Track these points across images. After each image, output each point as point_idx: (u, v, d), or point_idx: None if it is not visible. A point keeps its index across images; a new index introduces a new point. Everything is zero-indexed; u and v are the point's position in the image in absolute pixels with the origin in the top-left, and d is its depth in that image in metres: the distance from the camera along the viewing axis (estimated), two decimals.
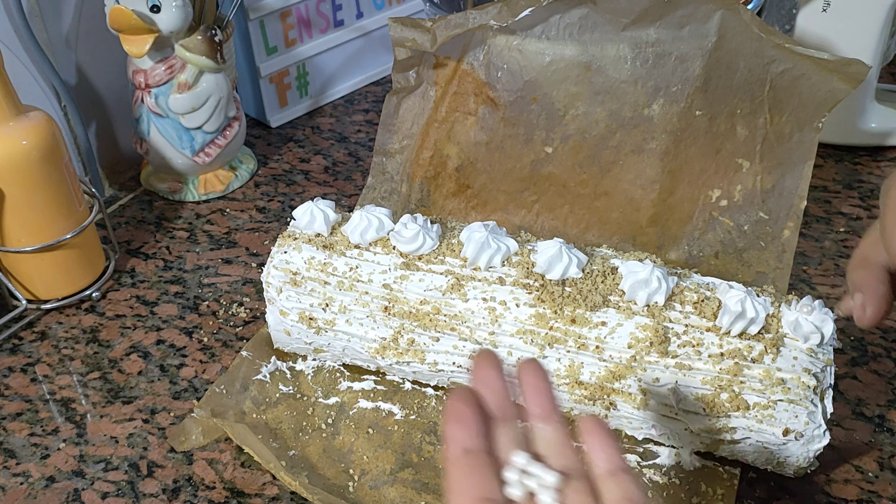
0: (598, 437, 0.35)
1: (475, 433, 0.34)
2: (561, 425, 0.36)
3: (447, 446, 0.34)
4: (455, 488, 0.33)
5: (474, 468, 0.33)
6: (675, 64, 0.57)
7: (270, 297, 0.55)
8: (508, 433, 0.35)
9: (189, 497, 0.51)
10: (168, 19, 0.66)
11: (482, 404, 0.35)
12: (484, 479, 0.33)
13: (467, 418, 0.34)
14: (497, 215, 0.65)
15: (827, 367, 0.48)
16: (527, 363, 0.37)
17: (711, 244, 0.60)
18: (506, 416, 0.36)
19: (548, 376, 0.37)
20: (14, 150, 0.57)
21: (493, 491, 0.32)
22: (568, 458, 0.35)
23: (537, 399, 0.36)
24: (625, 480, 0.34)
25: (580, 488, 0.34)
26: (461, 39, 0.60)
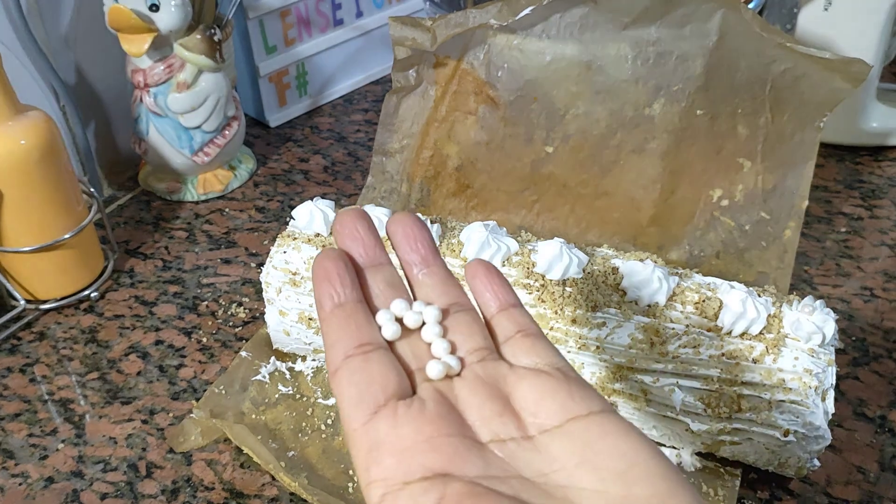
0: (484, 277, 0.34)
1: (343, 285, 0.31)
2: (442, 268, 0.34)
3: (318, 309, 0.31)
4: (330, 343, 0.30)
5: (347, 318, 0.31)
6: (676, 63, 0.57)
7: (270, 297, 0.54)
8: (382, 278, 0.33)
9: (188, 498, 0.50)
10: (167, 18, 0.66)
11: (350, 258, 0.33)
12: (359, 327, 0.31)
13: (333, 272, 0.32)
14: (497, 215, 0.65)
15: (828, 367, 0.48)
16: (396, 215, 0.35)
17: (712, 244, 0.60)
18: (375, 262, 0.33)
19: (422, 223, 0.35)
20: (13, 149, 0.57)
21: (369, 336, 0.30)
22: (450, 294, 0.33)
23: (412, 245, 0.34)
24: (516, 313, 0.33)
25: (465, 319, 0.32)
26: (461, 38, 0.60)
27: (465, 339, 0.32)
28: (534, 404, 0.29)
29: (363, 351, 0.30)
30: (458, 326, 0.32)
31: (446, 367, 0.30)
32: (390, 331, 0.31)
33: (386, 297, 0.33)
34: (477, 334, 0.32)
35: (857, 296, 0.64)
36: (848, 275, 0.65)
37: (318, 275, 0.32)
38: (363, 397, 0.29)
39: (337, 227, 0.34)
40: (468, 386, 0.30)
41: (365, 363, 0.30)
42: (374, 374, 0.29)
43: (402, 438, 0.28)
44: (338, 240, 0.34)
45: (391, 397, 0.29)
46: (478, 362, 0.31)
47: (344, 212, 0.35)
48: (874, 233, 0.70)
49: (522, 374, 0.30)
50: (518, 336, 0.32)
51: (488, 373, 0.30)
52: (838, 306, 0.62)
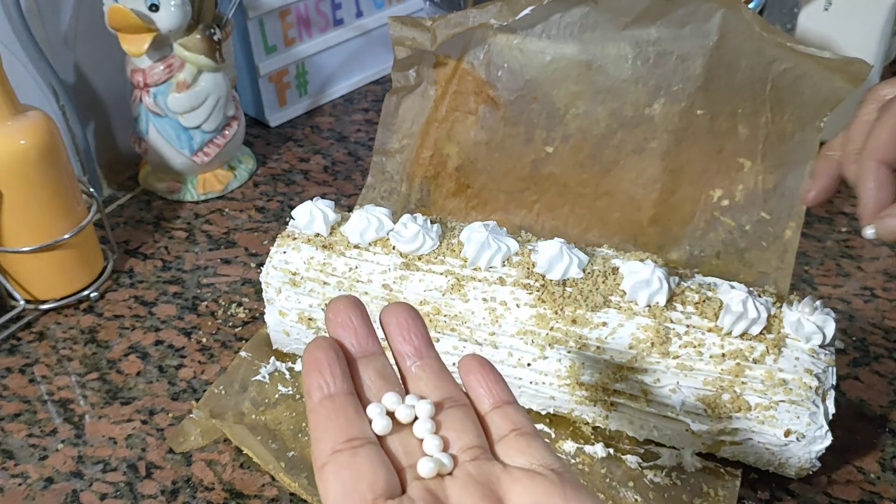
0: (478, 373, 0.33)
1: (333, 376, 0.31)
2: (436, 360, 0.34)
3: (307, 398, 0.31)
4: (317, 436, 0.29)
5: (336, 411, 0.30)
6: (676, 63, 0.57)
7: (269, 297, 0.54)
8: (374, 369, 0.32)
9: (188, 498, 0.50)
10: (167, 18, 0.66)
11: (341, 348, 0.32)
12: (348, 420, 0.30)
13: (323, 362, 0.31)
14: (497, 215, 0.65)
15: (829, 367, 0.48)
16: (391, 305, 0.34)
17: (713, 244, 0.60)
18: (368, 353, 0.33)
19: (416, 313, 0.34)
20: (12, 149, 0.57)
21: (359, 430, 0.30)
22: (444, 389, 0.33)
23: (405, 336, 0.34)
24: (510, 411, 0.32)
25: (459, 415, 0.31)
26: (461, 38, 0.60)
27: (459, 435, 0.31)
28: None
29: (351, 446, 0.29)
30: (452, 422, 0.31)
31: (438, 465, 0.29)
32: (381, 425, 0.30)
33: (378, 390, 0.32)
34: (470, 432, 0.31)
35: (858, 296, 0.63)
36: (848, 275, 0.65)
37: (309, 364, 0.31)
38: (350, 495, 0.28)
39: (329, 315, 0.33)
40: (460, 486, 0.29)
41: (353, 458, 0.29)
42: (362, 470, 0.28)
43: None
44: (330, 328, 0.33)
45: (379, 496, 0.28)
46: (471, 461, 0.30)
47: (337, 300, 0.34)
48: None
49: (517, 475, 0.30)
50: (512, 435, 0.31)
51: (481, 472, 0.30)
52: (839, 306, 0.62)
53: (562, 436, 0.53)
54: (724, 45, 0.56)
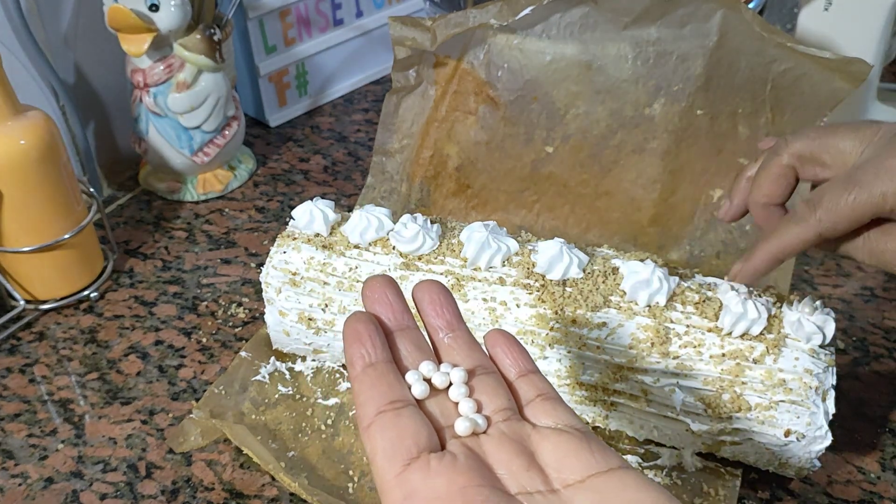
0: (502, 346, 0.36)
1: (374, 346, 0.34)
2: (466, 333, 0.36)
3: (349, 368, 0.34)
4: (361, 401, 0.32)
5: (378, 378, 0.33)
6: (676, 63, 0.57)
7: (269, 297, 0.54)
8: (410, 340, 0.35)
9: (188, 498, 0.50)
10: (167, 18, 0.66)
11: (379, 321, 0.35)
12: (389, 385, 0.33)
13: (364, 334, 0.34)
14: (497, 215, 0.65)
15: (829, 367, 0.48)
16: (422, 282, 0.37)
17: (713, 244, 0.60)
18: (403, 326, 0.36)
19: (447, 290, 0.37)
20: (12, 149, 0.57)
21: (400, 394, 0.32)
22: (475, 358, 0.35)
23: (437, 311, 0.36)
24: (535, 379, 0.35)
25: (490, 381, 0.34)
26: (461, 38, 0.60)
27: (490, 399, 0.33)
28: (557, 461, 0.31)
29: (395, 407, 0.32)
30: (483, 387, 0.34)
31: (473, 425, 0.32)
32: (419, 389, 0.33)
33: (414, 359, 0.35)
34: (501, 395, 0.34)
35: (858, 296, 0.63)
36: (848, 275, 0.65)
37: (350, 336, 0.34)
38: (396, 450, 0.30)
39: (366, 293, 0.36)
40: (495, 442, 0.32)
41: (397, 418, 0.31)
42: (406, 428, 0.31)
43: (436, 489, 0.29)
44: (367, 304, 0.36)
45: (423, 450, 0.30)
46: (503, 421, 0.33)
47: (373, 278, 0.37)
48: None
49: (546, 433, 0.32)
50: (538, 399, 0.34)
51: (513, 431, 0.32)
52: (839, 306, 0.62)
53: None
54: (724, 46, 0.56)
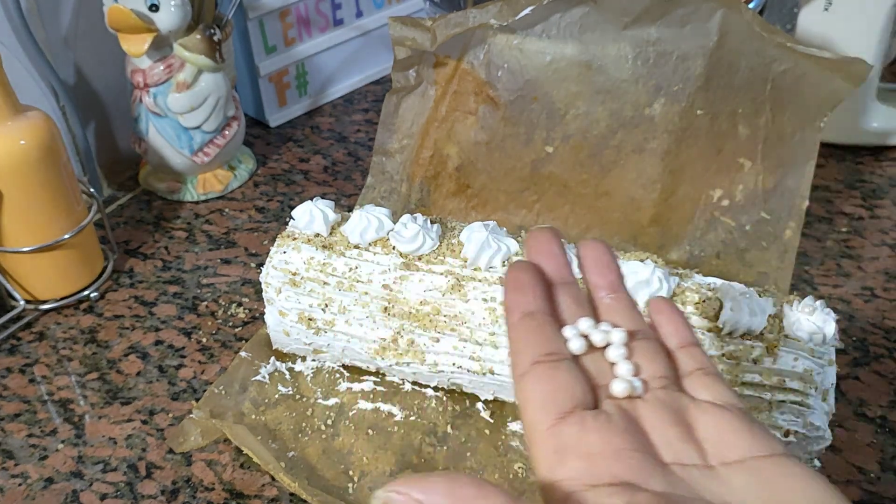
0: (666, 314, 0.35)
1: (534, 296, 0.33)
2: (627, 296, 0.35)
3: (508, 315, 0.33)
4: (517, 349, 0.32)
5: (536, 328, 0.32)
6: (676, 63, 0.57)
7: (269, 297, 0.54)
8: (570, 295, 0.34)
9: (188, 498, 0.50)
10: (167, 18, 0.66)
11: (541, 272, 0.34)
12: (547, 337, 0.32)
13: (525, 284, 0.33)
14: (497, 215, 0.65)
15: (828, 367, 0.48)
16: (587, 240, 0.36)
17: (713, 244, 0.60)
18: (564, 280, 0.34)
19: (611, 250, 0.36)
20: (12, 149, 0.57)
21: (557, 347, 0.31)
22: (635, 321, 0.34)
23: (601, 270, 0.35)
24: (696, 352, 0.34)
25: (649, 346, 0.33)
26: (461, 38, 0.60)
27: (649, 364, 0.32)
28: (716, 437, 0.29)
29: (551, 359, 0.31)
30: (642, 352, 0.33)
31: (630, 387, 0.31)
32: (577, 345, 0.32)
33: (572, 314, 0.33)
34: (660, 362, 0.33)
35: (858, 296, 0.63)
36: (848, 275, 0.65)
37: (511, 284, 0.33)
38: (551, 401, 0.30)
39: (531, 243, 0.36)
40: (651, 409, 0.30)
41: (553, 370, 0.31)
42: (561, 381, 0.30)
43: (590, 445, 0.28)
44: (530, 254, 0.35)
45: (577, 406, 0.30)
46: (660, 388, 0.31)
47: (539, 229, 0.36)
48: (875, 233, 0.69)
49: (705, 407, 0.31)
50: (698, 373, 0.33)
51: (671, 399, 0.31)
52: (839, 306, 0.62)
53: None
54: (724, 45, 0.56)
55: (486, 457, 0.52)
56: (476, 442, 0.53)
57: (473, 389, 0.53)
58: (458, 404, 0.55)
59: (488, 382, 0.52)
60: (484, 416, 0.54)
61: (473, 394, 0.54)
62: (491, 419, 0.54)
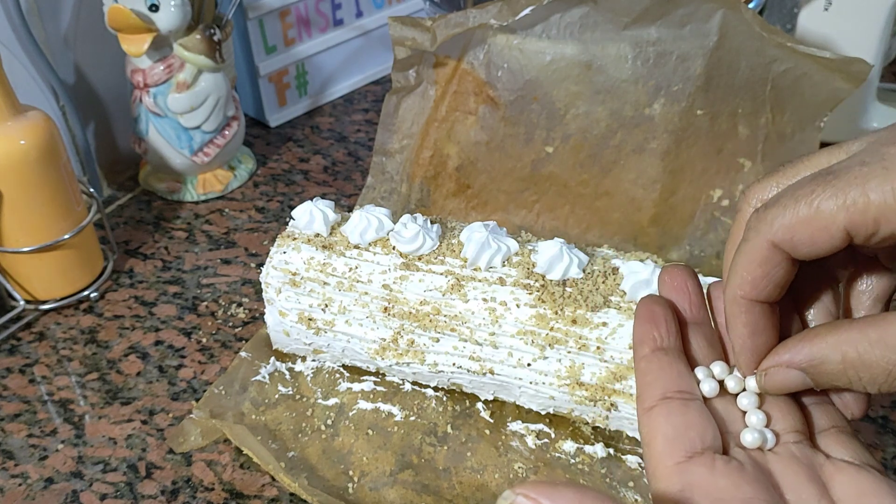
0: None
1: (668, 331, 0.32)
2: None
3: (638, 346, 0.32)
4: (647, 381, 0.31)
5: (669, 363, 0.31)
6: (676, 63, 0.57)
7: (269, 297, 0.54)
8: (704, 336, 0.33)
9: (188, 498, 0.50)
10: (167, 18, 0.66)
11: (675, 308, 0.34)
12: (679, 375, 0.31)
13: (660, 316, 0.32)
14: (497, 215, 0.65)
15: None
16: (718, 282, 0.35)
17: (713, 244, 0.60)
18: (698, 320, 0.34)
19: None
20: (12, 149, 0.57)
21: (689, 386, 0.31)
22: None
23: None
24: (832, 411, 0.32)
25: (782, 398, 0.32)
26: (461, 38, 0.60)
27: (782, 416, 0.31)
28: (854, 498, 0.28)
29: (682, 397, 0.30)
30: (775, 403, 0.32)
31: (762, 438, 0.30)
32: (709, 387, 0.31)
33: (705, 355, 0.33)
34: (794, 416, 0.32)
35: None
36: None
37: (644, 316, 0.33)
38: (680, 439, 0.29)
39: (666, 279, 0.35)
40: (783, 463, 0.30)
41: (684, 408, 0.30)
42: (692, 420, 0.30)
43: (720, 489, 0.28)
44: (664, 290, 0.35)
45: (708, 448, 0.29)
46: (793, 443, 0.31)
47: (674, 266, 0.35)
48: None
49: (841, 466, 0.30)
50: (833, 430, 0.32)
51: (805, 456, 0.30)
52: None
53: (562, 436, 0.53)
54: (724, 46, 0.56)
55: (486, 457, 0.52)
56: (476, 442, 0.53)
57: (473, 389, 0.54)
58: (458, 404, 0.55)
59: (488, 382, 0.52)
60: (484, 416, 0.54)
61: (473, 394, 0.54)
62: (491, 419, 0.54)
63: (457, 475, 0.51)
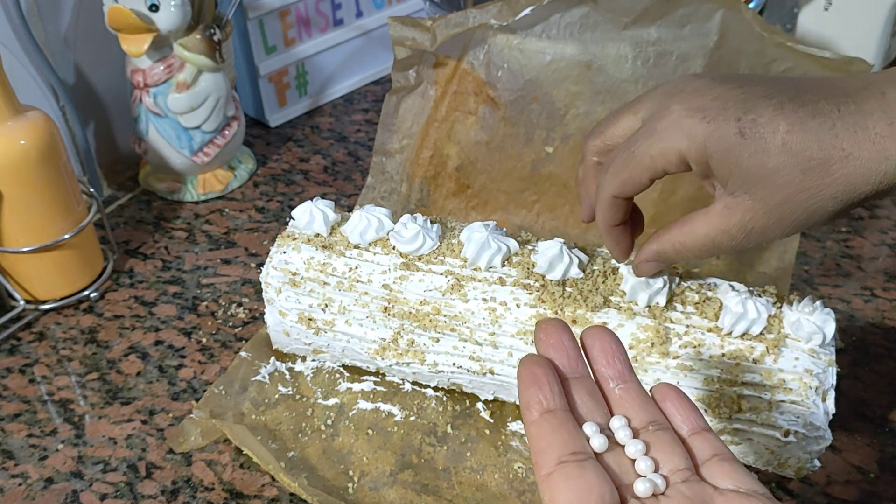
0: (672, 400, 0.35)
1: (552, 392, 0.33)
2: (637, 384, 0.35)
3: (526, 411, 0.33)
4: (541, 447, 0.32)
5: (558, 425, 0.32)
6: (676, 63, 0.57)
7: (269, 297, 0.54)
8: (585, 390, 0.34)
9: (188, 498, 0.50)
10: (167, 18, 0.66)
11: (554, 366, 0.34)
12: (570, 435, 0.32)
13: (542, 379, 0.33)
14: (497, 215, 0.65)
15: (829, 367, 0.48)
16: (593, 329, 0.36)
17: None
18: (577, 374, 0.35)
19: (617, 338, 0.36)
20: (12, 149, 0.57)
21: (580, 445, 0.32)
22: (648, 412, 0.34)
23: (608, 360, 0.36)
24: (710, 437, 0.34)
25: (665, 438, 0.33)
26: (461, 38, 0.60)
27: (668, 457, 0.32)
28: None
29: (577, 459, 0.31)
30: (659, 444, 0.33)
31: (653, 486, 0.31)
32: (598, 442, 0.32)
33: (589, 409, 0.34)
34: (678, 454, 0.33)
35: (858, 296, 0.63)
36: (848, 275, 0.65)
37: (527, 379, 0.33)
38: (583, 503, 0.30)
39: (541, 336, 0.36)
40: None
41: (581, 471, 0.31)
42: (591, 482, 0.30)
43: None
44: (541, 348, 0.35)
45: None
46: (682, 482, 0.32)
47: (548, 321, 0.36)
48: (874, 233, 0.69)
49: (731, 496, 0.31)
50: (715, 460, 0.33)
51: (694, 493, 0.31)
52: (838, 306, 0.62)
53: None
54: (724, 45, 0.56)
55: (486, 457, 0.52)
56: (476, 442, 0.53)
57: (473, 389, 0.54)
58: (458, 404, 0.55)
59: (488, 382, 0.52)
60: (484, 416, 0.54)
61: (473, 394, 0.54)
62: (491, 419, 0.54)
63: (456, 475, 0.51)
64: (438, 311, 0.51)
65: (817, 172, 0.38)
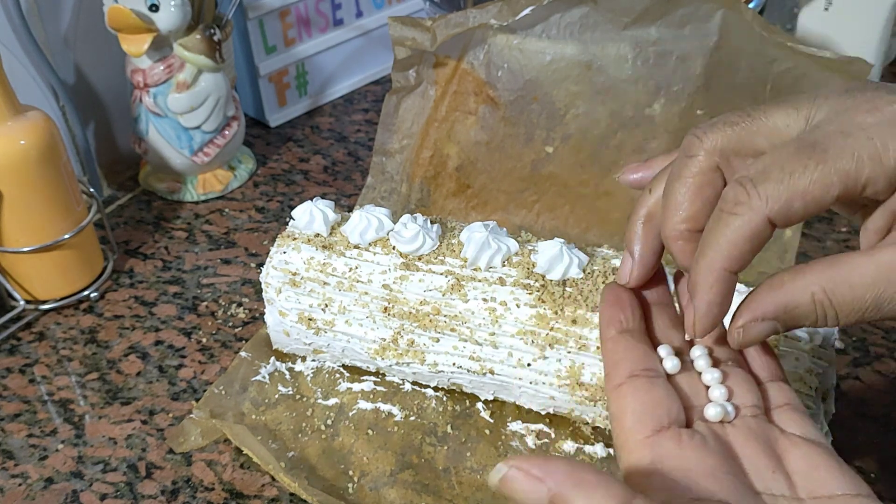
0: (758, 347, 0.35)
1: (633, 314, 0.34)
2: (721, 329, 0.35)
3: (605, 328, 0.34)
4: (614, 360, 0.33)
5: (633, 344, 0.33)
6: (676, 63, 0.57)
7: (269, 297, 0.54)
8: (666, 315, 0.35)
9: (188, 498, 0.50)
10: (167, 18, 0.66)
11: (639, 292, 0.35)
12: (644, 354, 0.33)
13: (625, 302, 0.34)
14: (497, 215, 0.65)
15: (829, 367, 0.48)
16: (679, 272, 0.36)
17: None
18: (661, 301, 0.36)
19: None
20: (12, 149, 0.57)
21: (652, 364, 0.32)
22: (728, 351, 0.34)
23: None
24: (785, 388, 0.34)
25: (741, 375, 0.34)
26: (461, 38, 0.60)
27: (741, 392, 0.33)
28: (806, 471, 0.30)
29: (648, 375, 0.32)
30: (735, 379, 0.33)
31: (724, 412, 0.32)
32: (671, 364, 0.33)
33: (668, 334, 0.35)
34: (752, 392, 0.33)
35: None
36: None
37: (610, 299, 0.35)
38: (648, 414, 0.31)
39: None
40: (742, 436, 0.31)
41: (650, 385, 0.32)
42: (659, 397, 0.31)
43: (687, 461, 0.29)
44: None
45: (673, 423, 0.31)
46: (751, 417, 0.32)
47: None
48: None
49: (795, 440, 0.31)
50: (787, 408, 0.33)
51: (761, 429, 0.32)
52: None
53: (562, 436, 0.53)
54: (724, 46, 0.56)
55: (486, 457, 0.52)
56: (476, 442, 0.53)
57: (473, 389, 0.54)
58: (458, 404, 0.55)
59: (488, 382, 0.52)
60: (484, 416, 0.54)
61: (473, 394, 0.54)
62: (491, 419, 0.54)
63: (457, 475, 0.51)
64: (438, 311, 0.51)
65: None
